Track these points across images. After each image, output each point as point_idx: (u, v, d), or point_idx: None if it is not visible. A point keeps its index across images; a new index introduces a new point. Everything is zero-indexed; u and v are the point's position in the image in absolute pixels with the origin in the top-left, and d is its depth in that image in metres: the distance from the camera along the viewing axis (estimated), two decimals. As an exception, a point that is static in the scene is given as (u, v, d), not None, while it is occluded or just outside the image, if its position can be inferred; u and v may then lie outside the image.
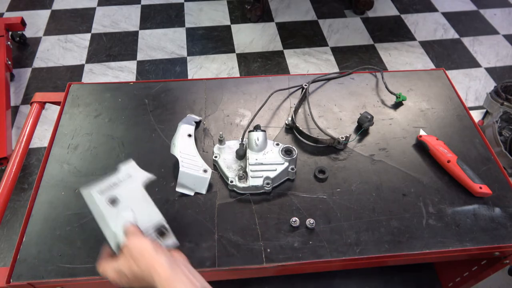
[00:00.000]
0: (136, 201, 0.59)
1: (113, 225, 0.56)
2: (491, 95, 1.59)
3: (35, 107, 0.94)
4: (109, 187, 0.59)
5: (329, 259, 0.67)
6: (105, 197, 0.58)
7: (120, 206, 0.58)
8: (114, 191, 0.59)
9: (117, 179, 0.61)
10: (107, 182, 0.60)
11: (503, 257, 0.74)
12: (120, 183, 0.60)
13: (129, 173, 0.62)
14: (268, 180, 0.73)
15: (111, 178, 0.61)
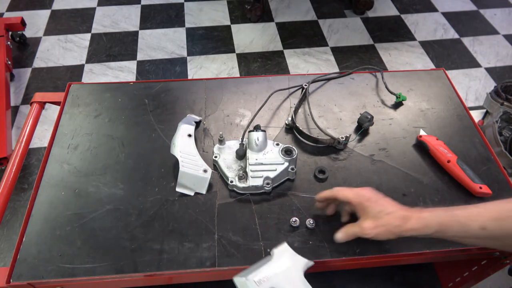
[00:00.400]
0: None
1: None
2: (491, 95, 1.59)
3: (35, 107, 0.94)
4: (267, 276, 0.54)
5: (329, 259, 0.67)
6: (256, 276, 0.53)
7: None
8: (274, 281, 0.54)
9: (275, 267, 0.55)
10: (264, 269, 0.55)
11: (503, 257, 0.74)
12: (278, 271, 0.55)
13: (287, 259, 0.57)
14: (268, 180, 0.73)
15: (267, 265, 0.55)
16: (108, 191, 0.75)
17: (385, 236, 0.58)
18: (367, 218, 0.60)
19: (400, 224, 0.57)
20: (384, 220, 0.58)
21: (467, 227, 0.54)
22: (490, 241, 0.55)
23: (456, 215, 0.55)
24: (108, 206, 0.73)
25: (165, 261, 0.66)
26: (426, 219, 0.56)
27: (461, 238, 0.56)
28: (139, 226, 0.70)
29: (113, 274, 0.64)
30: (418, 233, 0.57)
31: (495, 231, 0.53)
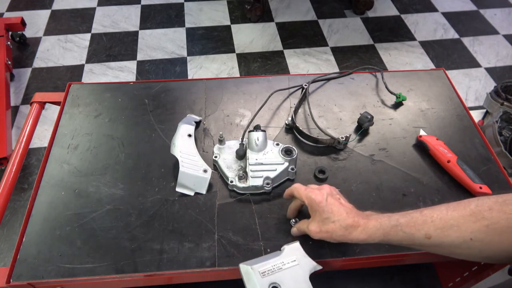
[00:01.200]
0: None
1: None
2: (491, 95, 1.59)
3: (35, 107, 0.94)
4: (272, 269, 0.54)
5: (329, 259, 0.67)
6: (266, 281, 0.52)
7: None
8: (277, 275, 0.53)
9: (282, 262, 0.55)
10: (270, 263, 0.55)
11: (503, 257, 0.74)
12: (284, 267, 0.55)
13: (295, 257, 0.57)
14: (268, 180, 0.73)
15: (275, 259, 0.55)
16: (108, 191, 0.75)
17: (330, 240, 0.60)
18: (314, 221, 0.61)
19: (344, 234, 0.58)
20: (329, 227, 0.59)
21: (411, 236, 0.55)
22: (435, 248, 0.55)
23: (401, 225, 0.56)
24: (108, 206, 0.73)
25: (165, 261, 0.66)
26: (369, 230, 0.57)
27: (407, 245, 0.57)
28: (139, 226, 0.70)
29: (113, 274, 0.64)
30: (363, 242, 0.58)
31: (440, 240, 0.53)
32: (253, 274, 0.53)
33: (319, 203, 0.60)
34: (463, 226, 0.51)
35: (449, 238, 0.52)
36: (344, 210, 0.60)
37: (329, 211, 0.59)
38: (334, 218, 0.59)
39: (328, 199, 0.61)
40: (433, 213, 0.55)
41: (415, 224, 0.55)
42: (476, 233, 0.51)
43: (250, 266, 0.54)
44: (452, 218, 0.53)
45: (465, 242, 0.52)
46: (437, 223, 0.54)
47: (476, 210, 0.52)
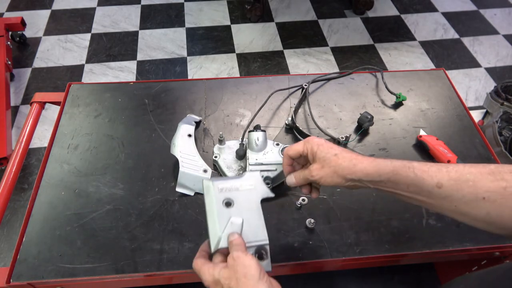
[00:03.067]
0: (249, 213, 0.56)
1: (220, 227, 0.54)
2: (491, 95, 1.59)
3: (35, 107, 0.94)
4: (230, 188, 0.57)
5: (329, 259, 0.67)
6: (222, 196, 0.56)
7: (233, 211, 0.56)
8: (233, 194, 0.57)
9: (240, 184, 0.58)
10: (230, 182, 0.58)
11: (503, 257, 0.74)
12: (241, 188, 0.58)
13: (253, 183, 0.59)
14: (268, 180, 0.73)
15: (235, 180, 0.58)
16: (108, 191, 0.75)
17: (332, 180, 0.55)
18: (314, 162, 0.57)
19: (349, 166, 0.53)
20: (332, 161, 0.55)
21: (422, 181, 0.50)
22: (442, 201, 0.50)
23: (414, 167, 0.51)
24: (108, 206, 0.73)
25: (165, 261, 0.66)
26: (379, 164, 0.53)
27: (412, 193, 0.52)
28: (139, 226, 0.70)
29: (113, 274, 0.64)
30: (368, 178, 0.53)
31: (451, 191, 0.49)
32: (212, 188, 0.56)
33: (319, 142, 0.57)
34: (479, 183, 0.48)
35: (461, 192, 0.49)
36: (344, 149, 0.57)
37: (331, 147, 0.56)
38: (336, 151, 0.55)
39: (325, 141, 0.58)
40: (448, 165, 0.51)
41: (428, 170, 0.51)
42: (491, 193, 0.47)
43: (212, 182, 0.57)
44: (469, 172, 0.49)
45: (476, 199, 0.48)
46: (452, 174, 0.50)
47: (496, 171, 0.48)
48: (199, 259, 0.54)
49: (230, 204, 0.56)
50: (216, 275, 0.50)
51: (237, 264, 0.49)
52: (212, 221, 0.55)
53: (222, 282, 0.49)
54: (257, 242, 0.54)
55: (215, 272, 0.51)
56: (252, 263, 0.49)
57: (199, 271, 0.53)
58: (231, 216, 0.55)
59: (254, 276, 0.48)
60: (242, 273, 0.48)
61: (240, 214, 0.56)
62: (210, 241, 0.55)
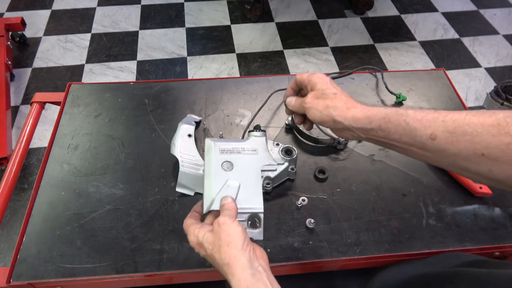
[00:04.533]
0: (247, 179, 0.54)
1: (215, 189, 0.53)
2: (491, 95, 1.59)
3: (35, 107, 0.94)
4: (231, 150, 0.56)
5: (329, 259, 0.67)
6: (222, 157, 0.55)
7: (231, 174, 0.54)
8: (234, 156, 0.56)
9: (243, 147, 0.57)
10: (232, 144, 0.57)
11: (503, 257, 0.74)
12: (243, 152, 0.56)
13: (257, 148, 0.57)
14: (268, 180, 0.73)
15: (238, 143, 0.57)
16: (108, 191, 0.75)
17: (321, 116, 0.53)
18: (312, 92, 0.55)
19: (342, 108, 0.51)
20: (328, 97, 0.53)
21: (415, 131, 0.46)
22: (437, 155, 0.46)
23: (407, 114, 0.47)
24: (108, 206, 0.73)
25: (165, 261, 0.66)
26: (370, 110, 0.50)
27: (405, 144, 0.49)
28: (139, 226, 0.70)
29: (113, 274, 0.64)
30: (358, 125, 0.50)
31: (445, 145, 0.44)
32: (213, 148, 0.56)
33: (323, 77, 0.55)
34: (478, 138, 0.42)
35: (456, 147, 0.44)
36: (347, 93, 0.55)
37: (334, 86, 0.55)
38: (336, 91, 0.54)
39: (331, 81, 0.56)
40: (448, 113, 0.46)
41: (422, 118, 0.46)
42: (492, 149, 0.41)
43: (214, 142, 0.56)
44: (469, 123, 0.43)
45: (475, 155, 0.43)
46: (449, 124, 0.44)
47: (502, 122, 0.41)
48: (188, 219, 0.54)
49: (229, 166, 0.55)
50: (200, 238, 0.50)
51: (222, 231, 0.48)
52: (209, 181, 0.54)
53: (205, 246, 0.49)
54: (251, 210, 0.53)
55: (200, 234, 0.50)
56: (237, 232, 0.48)
57: (187, 230, 0.53)
58: (228, 179, 0.54)
59: (236, 245, 0.47)
60: (226, 241, 0.48)
61: (238, 178, 0.54)
62: (204, 202, 0.54)
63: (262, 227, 0.53)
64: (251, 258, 0.47)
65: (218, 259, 0.48)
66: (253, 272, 0.46)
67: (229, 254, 0.47)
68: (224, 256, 0.47)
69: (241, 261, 0.46)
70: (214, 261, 0.49)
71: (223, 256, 0.47)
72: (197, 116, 0.88)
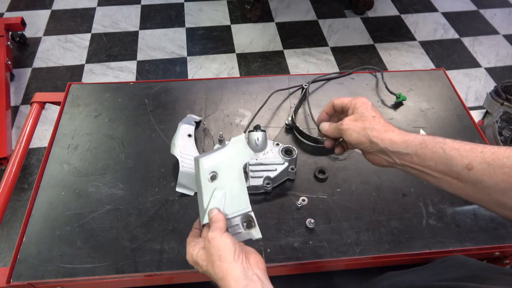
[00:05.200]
0: (231, 183, 0.55)
1: (205, 202, 0.54)
2: (491, 95, 1.59)
3: (35, 107, 0.94)
4: (215, 161, 0.57)
5: (329, 259, 0.67)
6: (208, 170, 0.56)
7: (217, 183, 0.55)
8: (218, 166, 0.57)
9: (224, 154, 0.58)
10: (217, 155, 0.58)
11: (503, 257, 0.74)
12: (224, 158, 0.57)
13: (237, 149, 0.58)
14: (268, 180, 0.73)
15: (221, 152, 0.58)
16: (108, 191, 0.75)
17: (358, 137, 0.54)
18: (351, 115, 0.57)
19: (380, 130, 0.53)
20: (367, 119, 0.54)
21: (450, 159, 0.46)
22: (471, 187, 0.45)
23: (445, 142, 0.47)
24: (108, 206, 0.73)
25: (165, 261, 0.66)
26: (408, 135, 0.51)
27: (439, 172, 0.48)
28: (139, 226, 0.70)
29: (113, 274, 0.64)
30: (394, 148, 0.51)
31: (482, 176, 0.44)
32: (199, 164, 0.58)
33: (364, 101, 0.57)
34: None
35: (493, 179, 0.43)
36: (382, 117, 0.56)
37: (373, 109, 0.56)
38: (375, 114, 0.55)
39: (373, 106, 0.58)
40: (487, 146, 0.45)
41: (460, 148, 0.46)
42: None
43: (199, 158, 0.58)
44: (508, 156, 0.42)
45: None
46: (487, 156, 0.44)
47: None
48: (189, 237, 0.55)
49: (214, 177, 0.56)
50: (195, 256, 0.51)
51: (212, 246, 0.49)
52: (200, 196, 0.55)
53: (200, 263, 0.50)
54: (240, 212, 0.53)
55: (194, 253, 0.51)
56: (226, 244, 0.49)
57: (187, 248, 0.54)
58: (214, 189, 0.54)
59: (227, 258, 0.48)
60: (217, 255, 0.48)
61: (223, 185, 0.55)
62: (200, 217, 0.55)
63: (257, 225, 0.54)
64: (245, 268, 0.48)
65: (213, 274, 0.49)
66: (246, 282, 0.46)
67: (221, 268, 0.47)
68: (218, 270, 0.48)
69: (234, 273, 0.47)
70: (210, 276, 0.50)
71: (216, 271, 0.48)
72: (197, 116, 0.88)
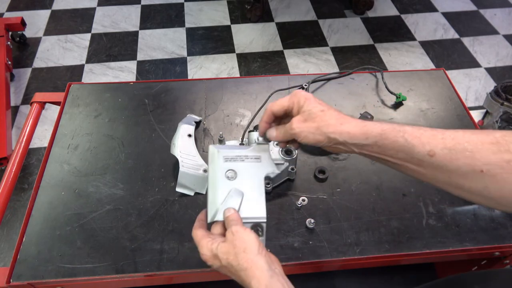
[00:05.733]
0: (250, 188, 0.54)
1: (219, 199, 0.53)
2: (491, 95, 1.59)
3: (35, 107, 0.94)
4: (235, 158, 0.55)
5: (329, 259, 0.67)
6: (226, 166, 0.54)
7: (235, 183, 0.54)
8: (238, 165, 0.55)
9: (246, 155, 0.56)
10: (236, 152, 0.56)
11: (503, 257, 0.74)
12: (246, 160, 0.56)
13: (260, 155, 0.56)
14: (268, 180, 0.73)
15: (242, 150, 0.57)
16: (108, 191, 0.75)
17: (314, 137, 0.50)
18: (298, 115, 0.52)
19: (335, 124, 0.49)
20: (317, 117, 0.50)
21: (412, 148, 0.46)
22: (434, 171, 0.46)
23: (405, 131, 0.47)
24: (108, 206, 0.73)
25: (165, 261, 0.66)
26: (366, 125, 0.49)
27: (400, 159, 0.48)
28: (139, 226, 0.70)
29: (113, 274, 0.64)
30: (353, 141, 0.49)
31: (444, 161, 0.44)
32: (216, 156, 0.56)
33: (306, 96, 0.52)
34: (478, 154, 0.42)
35: (456, 163, 0.44)
36: (332, 107, 0.52)
37: (318, 102, 0.52)
38: (323, 108, 0.51)
39: (314, 97, 0.53)
40: (446, 131, 0.46)
41: (421, 135, 0.46)
42: (492, 166, 0.42)
43: (217, 149, 0.56)
44: (468, 141, 0.44)
45: (473, 172, 0.43)
46: (448, 141, 0.44)
47: (501, 140, 0.42)
48: (199, 230, 0.53)
49: (233, 175, 0.55)
50: (214, 250, 0.49)
51: (236, 239, 0.48)
52: (213, 191, 0.54)
53: (220, 256, 0.49)
54: (254, 219, 0.52)
55: (213, 247, 0.50)
56: (251, 237, 0.49)
57: (198, 243, 0.52)
58: (232, 189, 0.53)
59: (252, 251, 0.47)
60: (241, 247, 0.48)
61: (241, 187, 0.54)
62: (208, 211, 0.54)
63: (265, 236, 0.53)
64: (268, 262, 0.48)
65: (235, 265, 0.47)
66: (271, 273, 0.46)
67: (246, 259, 0.47)
68: (242, 261, 0.47)
69: (259, 263, 0.47)
70: (231, 268, 0.48)
71: (240, 262, 0.47)
72: (197, 116, 0.88)
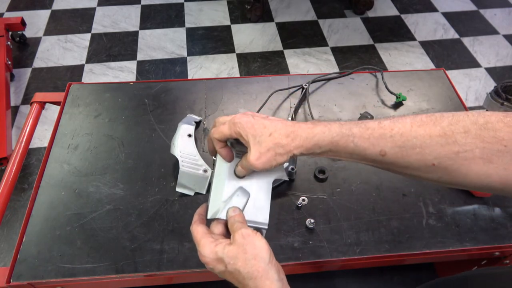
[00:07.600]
0: (257, 191, 0.52)
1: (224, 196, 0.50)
2: (491, 95, 1.59)
3: (35, 107, 0.94)
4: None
5: (329, 259, 0.67)
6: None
7: (243, 182, 0.52)
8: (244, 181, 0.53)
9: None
10: None
11: (503, 257, 0.74)
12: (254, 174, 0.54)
13: None
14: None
15: None
16: (108, 191, 0.75)
17: (277, 162, 0.49)
18: (250, 149, 0.49)
19: (287, 143, 0.48)
20: (269, 143, 0.48)
21: (363, 151, 0.46)
22: (389, 167, 0.47)
23: (353, 135, 0.46)
24: (108, 206, 0.73)
25: (165, 261, 0.66)
26: (316, 136, 0.48)
27: (355, 160, 0.49)
28: (139, 226, 0.70)
29: (113, 274, 0.64)
30: (309, 152, 0.50)
31: (396, 159, 0.45)
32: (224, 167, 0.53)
33: (246, 123, 0.49)
34: (428, 149, 0.43)
35: (407, 159, 0.45)
36: (278, 121, 0.50)
37: (262, 126, 0.49)
38: (270, 130, 0.49)
39: (254, 118, 0.50)
40: (394, 126, 0.45)
41: (370, 137, 0.46)
42: (442, 159, 0.43)
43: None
44: (416, 136, 0.44)
45: (426, 166, 0.44)
46: (397, 139, 0.44)
47: (448, 131, 0.42)
48: (199, 226, 0.50)
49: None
50: (220, 253, 0.46)
51: (247, 243, 0.45)
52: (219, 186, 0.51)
53: (226, 261, 0.45)
54: (256, 224, 0.50)
55: (218, 249, 0.46)
56: (263, 244, 0.46)
57: (198, 241, 0.48)
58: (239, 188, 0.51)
59: (264, 259, 0.45)
60: (252, 254, 0.45)
61: (248, 188, 0.52)
62: (209, 207, 0.51)
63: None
64: (278, 271, 0.46)
65: (244, 273, 0.44)
66: (281, 284, 0.45)
67: (257, 267, 0.44)
68: (252, 269, 0.44)
69: (270, 274, 0.45)
70: (237, 275, 0.45)
71: (250, 270, 0.44)
72: (197, 116, 0.88)
